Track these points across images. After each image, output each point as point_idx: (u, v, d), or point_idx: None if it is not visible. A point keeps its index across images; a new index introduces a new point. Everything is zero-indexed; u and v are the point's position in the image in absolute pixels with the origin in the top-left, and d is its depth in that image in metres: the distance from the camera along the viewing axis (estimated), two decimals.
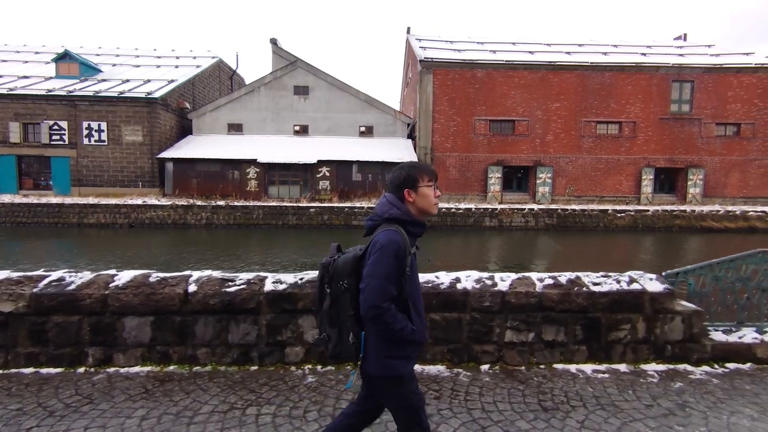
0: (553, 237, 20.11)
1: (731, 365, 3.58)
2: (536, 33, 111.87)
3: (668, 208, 22.66)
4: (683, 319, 3.60)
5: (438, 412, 2.75)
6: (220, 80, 32.94)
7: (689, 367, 3.53)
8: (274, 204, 21.80)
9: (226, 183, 23.42)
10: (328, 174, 23.97)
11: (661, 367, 3.53)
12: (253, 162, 23.44)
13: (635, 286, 3.62)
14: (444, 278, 3.59)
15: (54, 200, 20.97)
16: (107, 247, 15.74)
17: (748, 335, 3.74)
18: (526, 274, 3.75)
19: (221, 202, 21.59)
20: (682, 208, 22.70)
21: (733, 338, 3.72)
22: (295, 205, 21.71)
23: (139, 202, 21.06)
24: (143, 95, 23.28)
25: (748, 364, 3.60)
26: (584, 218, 22.26)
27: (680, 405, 2.90)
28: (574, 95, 24.64)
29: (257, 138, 26.10)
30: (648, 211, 22.24)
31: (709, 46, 29.15)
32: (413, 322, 1.89)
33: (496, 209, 22.13)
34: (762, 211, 22.05)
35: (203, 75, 29.72)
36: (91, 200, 21.06)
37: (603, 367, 3.51)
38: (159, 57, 31.26)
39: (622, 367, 3.51)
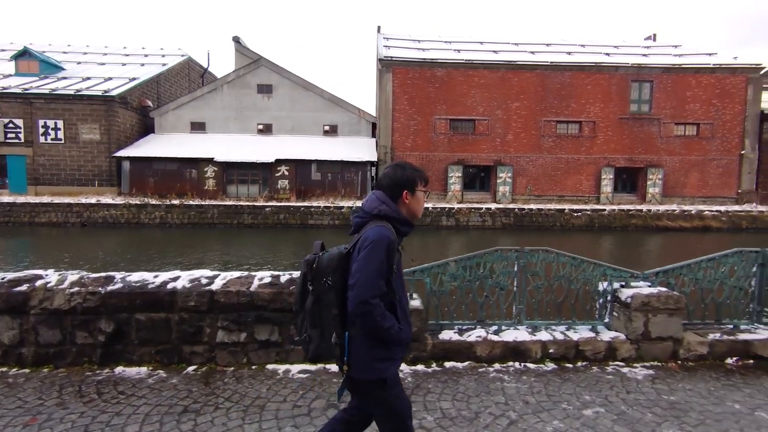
0: (507, 236, 20.14)
1: (449, 364, 3.56)
2: (532, 33, 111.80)
3: (625, 207, 22.64)
4: None
5: (63, 418, 2.72)
6: (189, 79, 32.89)
7: (403, 366, 3.51)
8: (229, 203, 21.74)
9: (184, 182, 23.37)
10: (287, 173, 23.93)
11: None
12: (210, 161, 23.40)
13: None
14: (161, 278, 3.57)
15: (6, 199, 20.93)
16: (42, 247, 15.73)
17: (474, 334, 3.72)
18: (254, 273, 3.73)
19: (176, 201, 21.53)
20: (639, 207, 22.68)
21: (463, 337, 3.70)
22: (250, 204, 21.65)
23: (93, 201, 21.01)
24: (100, 93, 23.23)
25: (467, 363, 3.58)
26: (541, 217, 22.23)
27: (314, 406, 2.89)
28: (534, 95, 24.61)
29: (219, 137, 26.07)
30: (604, 210, 22.24)
31: (676, 46, 29.11)
32: (399, 321, 1.86)
33: (454, 208, 22.10)
34: (717, 211, 22.03)
35: (170, 73, 29.66)
36: (44, 199, 21.01)
37: (316, 367, 3.50)
38: (127, 55, 31.20)
39: (335, 367, 3.49)
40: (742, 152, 23.89)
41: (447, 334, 3.74)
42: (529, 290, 3.90)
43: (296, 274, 3.73)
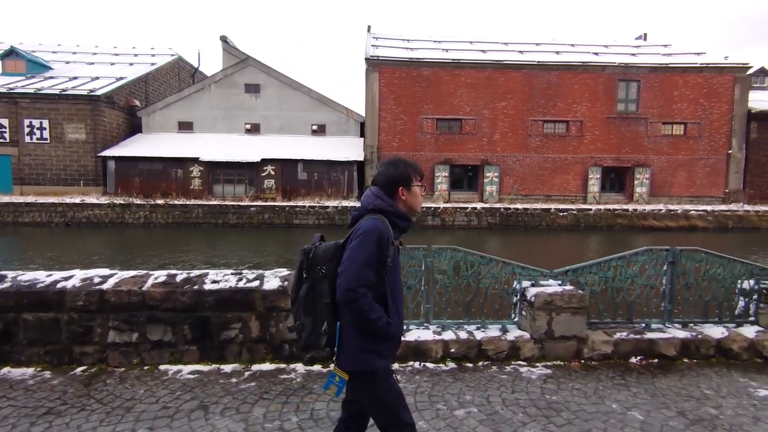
0: (491, 235, 20.11)
1: None
2: (533, 33, 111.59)
3: (611, 207, 22.55)
4: None
5: None
6: (179, 78, 32.86)
7: (299, 366, 3.44)
8: (214, 203, 21.70)
9: (170, 182, 23.32)
10: (273, 173, 23.88)
11: (271, 366, 3.45)
12: (196, 161, 23.35)
13: (253, 284, 3.54)
14: (53, 277, 3.51)
15: None
16: (19, 247, 15.72)
17: None
18: (152, 272, 3.67)
19: (160, 201, 21.48)
20: (625, 207, 22.58)
21: None
22: (235, 203, 21.60)
23: (77, 200, 20.98)
24: (86, 93, 23.20)
25: None
26: (527, 217, 22.16)
27: (183, 407, 2.83)
28: (521, 94, 24.52)
29: (206, 136, 26.01)
30: (590, 210, 22.14)
31: (665, 45, 29.00)
32: (390, 315, 1.86)
33: (439, 208, 22.06)
34: (703, 210, 21.93)
35: (159, 73, 29.64)
36: (28, 199, 21.01)
37: (209, 367, 3.43)
38: (116, 55, 31.18)
39: (228, 368, 3.42)
40: (730, 152, 23.77)
41: None
42: (438, 290, 3.83)
43: (194, 273, 3.68)
